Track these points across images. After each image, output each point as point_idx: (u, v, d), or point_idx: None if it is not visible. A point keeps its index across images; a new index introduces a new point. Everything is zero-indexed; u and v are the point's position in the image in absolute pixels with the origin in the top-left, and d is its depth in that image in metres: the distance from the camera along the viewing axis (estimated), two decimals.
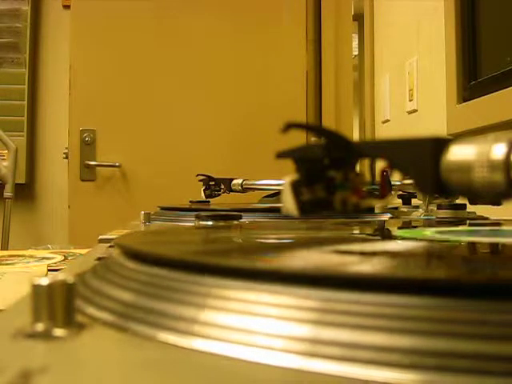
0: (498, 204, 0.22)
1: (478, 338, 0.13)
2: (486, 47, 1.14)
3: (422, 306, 0.14)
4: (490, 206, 0.23)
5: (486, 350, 0.13)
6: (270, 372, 0.14)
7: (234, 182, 0.77)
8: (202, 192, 0.77)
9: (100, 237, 0.49)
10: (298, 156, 0.26)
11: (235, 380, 0.13)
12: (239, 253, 0.26)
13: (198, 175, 0.79)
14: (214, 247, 0.30)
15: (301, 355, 0.14)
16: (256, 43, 1.73)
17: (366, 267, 0.20)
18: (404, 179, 0.33)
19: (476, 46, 1.16)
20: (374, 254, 0.25)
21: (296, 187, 0.26)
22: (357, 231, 0.39)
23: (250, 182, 0.76)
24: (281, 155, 0.27)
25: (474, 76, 1.16)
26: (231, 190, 0.77)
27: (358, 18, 2.33)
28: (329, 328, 0.14)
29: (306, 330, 0.15)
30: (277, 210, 0.62)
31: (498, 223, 0.43)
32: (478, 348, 0.13)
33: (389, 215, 0.61)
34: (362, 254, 0.25)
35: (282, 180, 0.26)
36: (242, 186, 0.76)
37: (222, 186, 0.77)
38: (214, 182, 0.77)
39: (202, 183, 0.79)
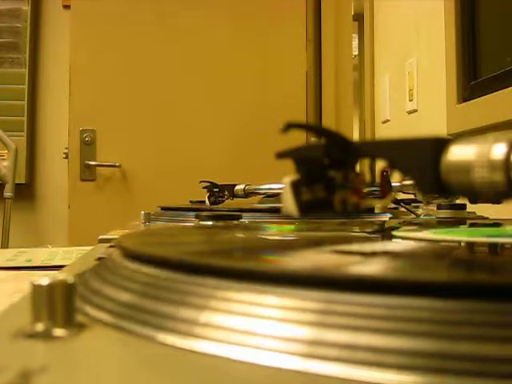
0: (499, 202, 0.22)
1: (479, 339, 0.13)
2: (486, 47, 1.14)
3: (423, 307, 0.14)
4: (490, 205, 0.23)
5: (488, 351, 0.13)
6: (269, 373, 0.14)
7: (237, 187, 0.78)
8: (207, 199, 0.78)
9: (100, 237, 0.49)
10: (297, 156, 0.26)
11: (234, 381, 0.13)
12: (239, 254, 0.26)
13: (201, 182, 0.80)
14: (214, 248, 0.30)
15: (301, 357, 0.14)
16: (256, 43, 1.73)
17: (367, 269, 0.20)
18: (404, 179, 0.33)
19: (476, 46, 1.16)
20: (374, 254, 0.25)
21: (296, 187, 0.26)
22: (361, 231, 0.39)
23: (253, 187, 0.77)
24: (281, 155, 0.27)
25: (474, 76, 1.16)
26: (234, 196, 0.78)
27: (358, 18, 2.32)
28: (329, 329, 0.14)
29: (306, 332, 0.15)
30: (277, 210, 0.62)
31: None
32: (479, 350, 0.13)
33: (389, 215, 0.61)
34: (365, 254, 0.25)
35: (283, 183, 0.26)
36: (244, 191, 0.77)
37: (226, 193, 0.78)
38: (217, 189, 0.78)
39: (202, 186, 0.80)
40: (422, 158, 0.23)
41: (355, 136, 2.52)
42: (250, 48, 1.73)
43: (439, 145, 0.23)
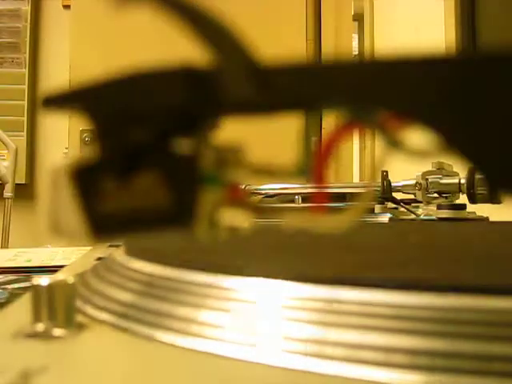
0: (498, 202, 0.22)
1: (484, 338, 0.13)
2: (486, 47, 1.14)
3: (429, 306, 0.14)
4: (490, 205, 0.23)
5: (492, 350, 0.13)
6: (270, 373, 0.14)
7: None
8: None
9: None
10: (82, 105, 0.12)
11: (235, 380, 0.13)
12: (240, 252, 0.26)
13: None
14: (214, 246, 0.30)
15: (302, 355, 0.14)
16: (255, 43, 1.73)
17: (372, 266, 0.20)
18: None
19: (476, 47, 1.16)
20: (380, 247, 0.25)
21: (83, 181, 0.13)
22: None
23: (253, 187, 0.77)
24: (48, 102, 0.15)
25: None
26: None
27: (358, 18, 2.32)
28: (330, 328, 0.14)
29: (307, 331, 0.15)
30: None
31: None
32: (484, 349, 0.13)
33: (389, 215, 0.60)
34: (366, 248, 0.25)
35: (286, 183, 0.23)
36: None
37: None
38: None
39: None
40: None
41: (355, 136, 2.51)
42: None
43: None
